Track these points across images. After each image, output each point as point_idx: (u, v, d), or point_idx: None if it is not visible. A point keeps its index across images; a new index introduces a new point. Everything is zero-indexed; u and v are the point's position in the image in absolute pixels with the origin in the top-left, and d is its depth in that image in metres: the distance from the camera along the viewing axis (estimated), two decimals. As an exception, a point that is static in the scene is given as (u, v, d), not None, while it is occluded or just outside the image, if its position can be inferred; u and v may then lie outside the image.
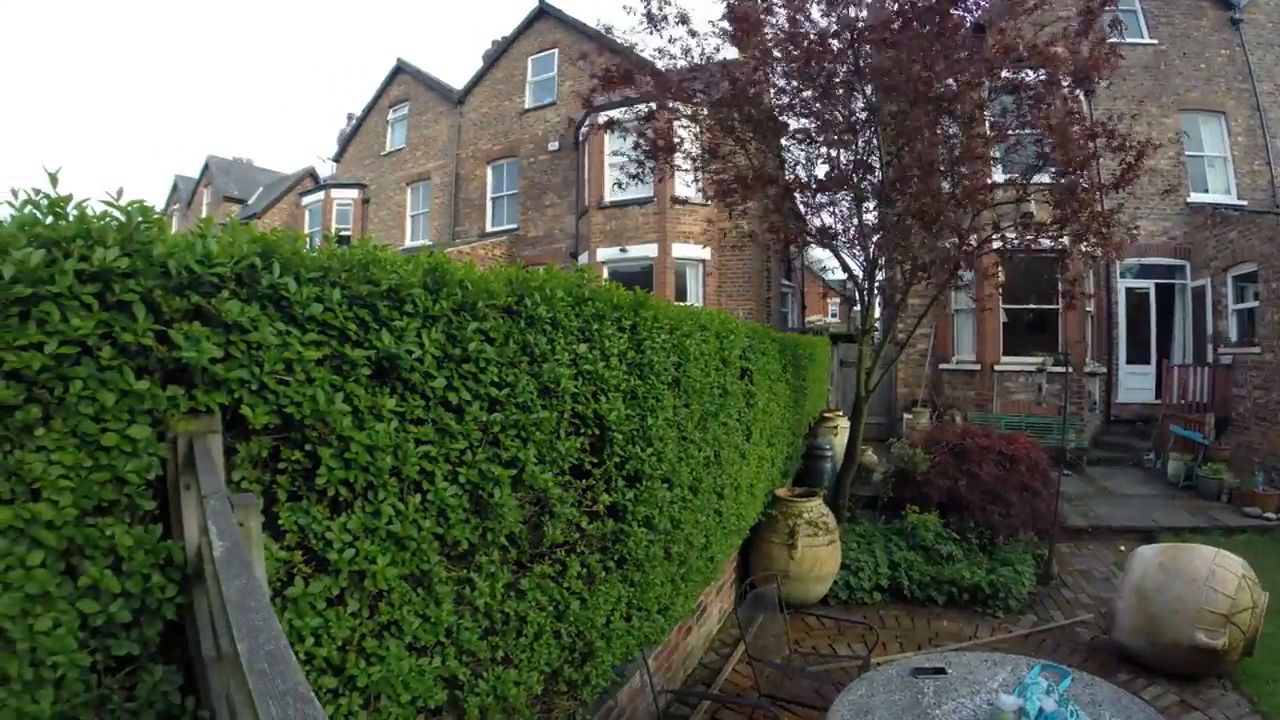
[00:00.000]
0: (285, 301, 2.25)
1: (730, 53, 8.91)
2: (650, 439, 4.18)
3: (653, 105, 9.90)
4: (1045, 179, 8.61)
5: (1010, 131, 8.39)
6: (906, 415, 14.51)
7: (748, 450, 6.21)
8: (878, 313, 10.21)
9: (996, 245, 9.00)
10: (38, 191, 1.90)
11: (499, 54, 22.10)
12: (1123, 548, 9.08)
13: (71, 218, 1.89)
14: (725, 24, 8.41)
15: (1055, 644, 6.52)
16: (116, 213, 1.96)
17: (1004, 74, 8.05)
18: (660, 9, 8.62)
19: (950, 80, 7.66)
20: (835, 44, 7.89)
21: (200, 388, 2.06)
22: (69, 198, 1.92)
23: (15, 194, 1.89)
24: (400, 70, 25.34)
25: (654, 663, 4.65)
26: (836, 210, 9.22)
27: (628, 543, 3.94)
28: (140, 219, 1.97)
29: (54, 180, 1.93)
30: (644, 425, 4.12)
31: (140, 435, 1.93)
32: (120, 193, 2.00)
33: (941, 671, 3.71)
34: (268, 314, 2.19)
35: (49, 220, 1.87)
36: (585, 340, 3.67)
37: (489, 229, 21.60)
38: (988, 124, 8.62)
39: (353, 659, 2.44)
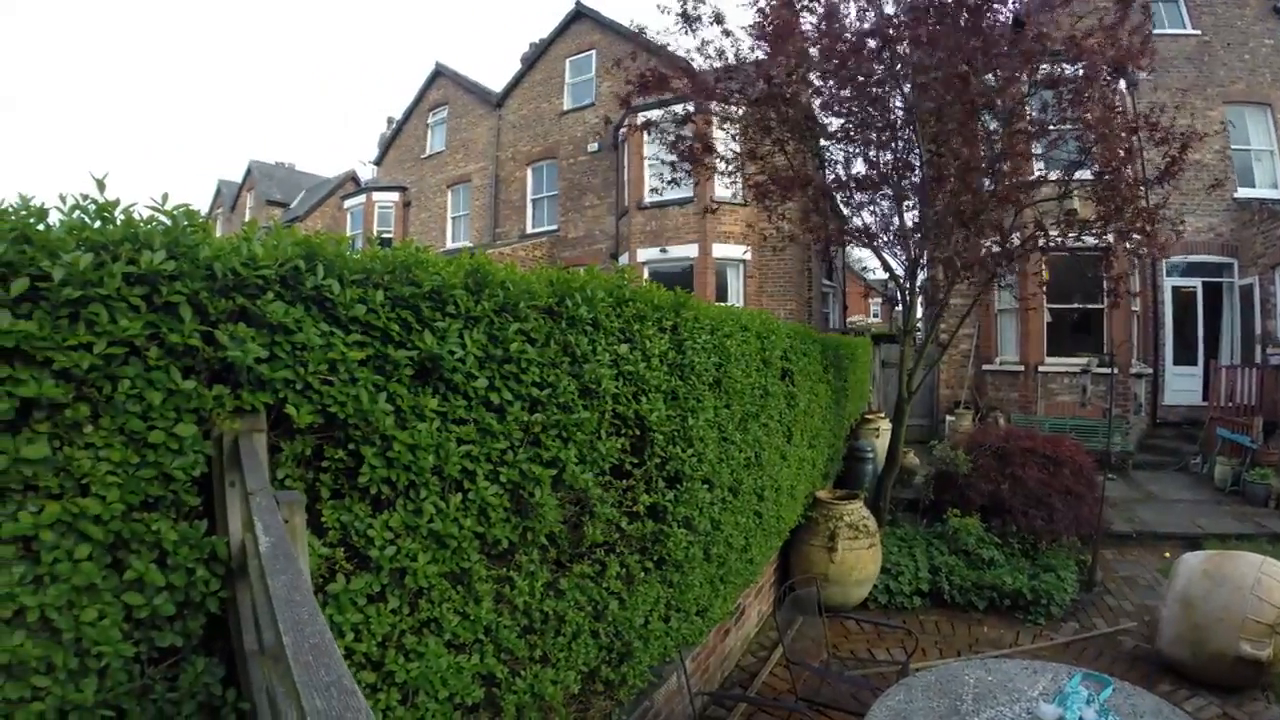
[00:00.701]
0: (329, 303, 2.26)
1: (766, 53, 8.80)
2: (691, 440, 4.14)
3: (689, 107, 9.79)
4: (1088, 175, 8.36)
5: (1051, 127, 8.14)
6: (949, 417, 14.23)
7: (788, 452, 6.10)
8: (920, 313, 10.00)
9: (1039, 243, 8.78)
10: (85, 197, 1.93)
11: (537, 56, 22.04)
12: (1167, 554, 8.78)
13: (119, 222, 1.92)
14: (759, 25, 8.33)
15: (1097, 652, 6.33)
16: (163, 217, 1.98)
17: (1042, 68, 7.85)
18: (695, 9, 8.53)
19: (989, 76, 7.49)
20: (871, 43, 7.77)
21: (245, 387, 2.08)
22: (116, 202, 1.94)
23: (64, 199, 1.92)
24: (439, 74, 25.39)
25: (691, 664, 4.60)
26: (877, 210, 9.06)
27: (667, 543, 3.90)
28: (186, 223, 1.99)
29: (101, 186, 1.95)
30: (685, 426, 4.08)
31: (186, 433, 1.95)
32: (166, 197, 2.02)
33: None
34: (312, 315, 2.21)
35: (97, 225, 1.89)
36: (626, 341, 3.64)
37: (529, 230, 21.52)
38: (1028, 119, 8.38)
39: (392, 655, 2.44)
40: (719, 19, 8.59)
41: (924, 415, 15.07)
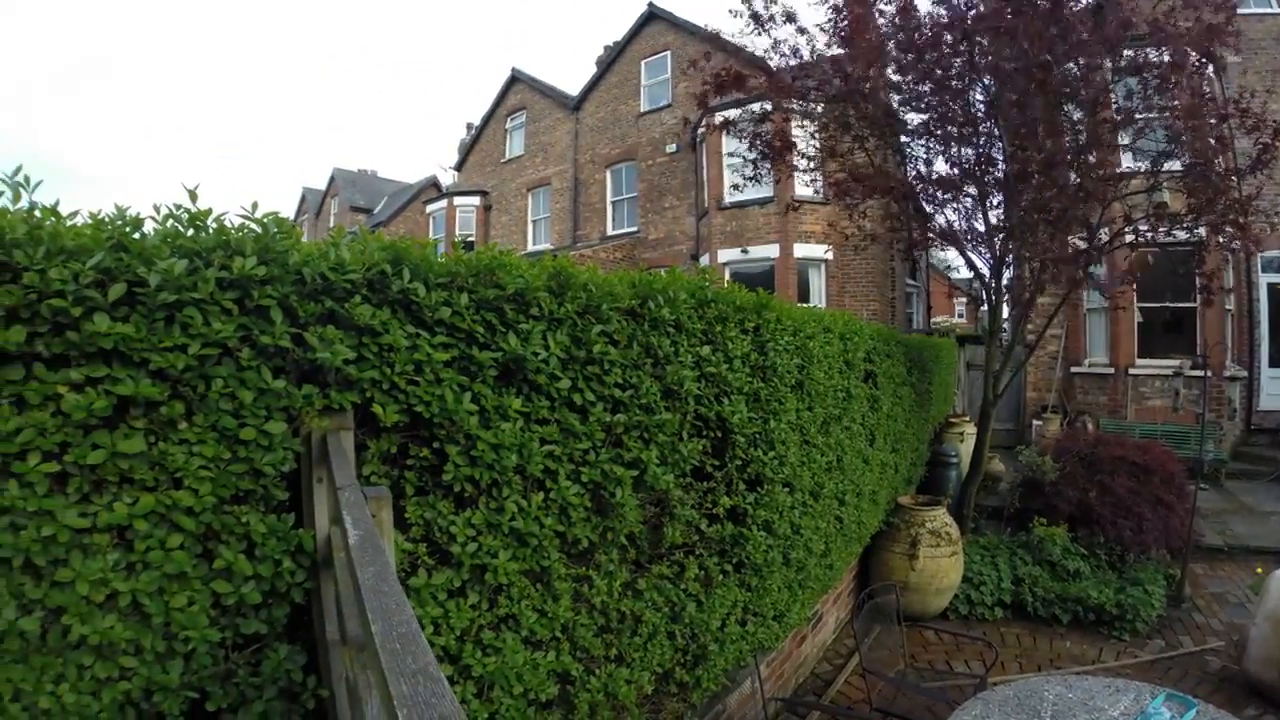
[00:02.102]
0: (415, 305, 2.27)
1: (841, 50, 8.54)
2: (772, 442, 4.03)
3: (767, 105, 9.57)
4: (1177, 165, 7.82)
5: (1137, 115, 7.61)
6: (1036, 421, 13.66)
7: (871, 456, 5.89)
8: (1005, 313, 9.54)
9: (1128, 239, 8.26)
10: (178, 206, 1.98)
11: (612, 59, 21.81)
12: (1259, 570, 8.18)
13: (211, 230, 1.97)
14: (833, 22, 8.08)
15: (1182, 672, 5.94)
16: (253, 224, 2.03)
17: (1126, 53, 7.39)
18: (766, 9, 8.32)
19: (1070, 64, 7.09)
20: (948, 36, 7.45)
21: (333, 387, 2.11)
22: (208, 211, 1.99)
23: (157, 209, 1.97)
24: (516, 79, 25.35)
25: (766, 669, 4.49)
26: (960, 207, 8.66)
27: (746, 546, 3.80)
28: (276, 230, 2.02)
29: (193, 196, 2.00)
30: (766, 428, 3.98)
31: (276, 430, 1.98)
32: (255, 206, 2.07)
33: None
34: (398, 318, 2.22)
35: (190, 232, 1.94)
36: (708, 342, 3.56)
37: (609, 232, 21.35)
38: (1113, 108, 7.90)
39: (469, 649, 2.43)
40: (791, 17, 8.37)
41: (1010, 419, 14.47)
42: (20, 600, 1.68)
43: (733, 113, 10.49)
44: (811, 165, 9.35)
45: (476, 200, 25.40)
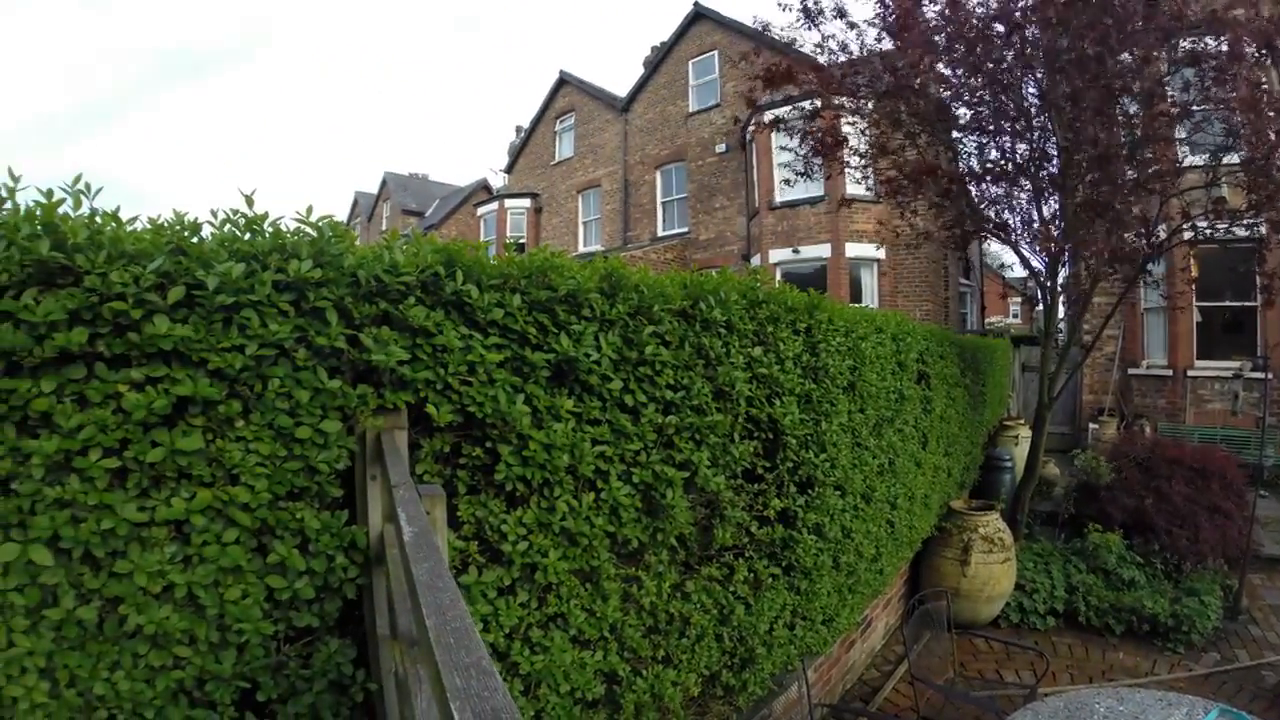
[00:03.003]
0: (468, 307, 2.26)
1: (890, 44, 8.30)
2: (824, 444, 3.95)
3: (816, 102, 9.36)
4: (1235, 159, 7.43)
5: (1194, 108, 7.22)
6: (1092, 425, 13.21)
7: (923, 459, 5.76)
8: (1061, 313, 9.18)
9: (1186, 235, 7.91)
10: (235, 211, 2.00)
11: (659, 60, 21.50)
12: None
13: (267, 234, 1.98)
14: (881, 16, 7.87)
15: (1237, 687, 5.68)
16: (308, 228, 2.04)
17: (1182, 44, 7.06)
18: (816, 2, 8.14)
19: (1125, 55, 6.80)
20: (999, 27, 7.21)
21: (388, 387, 2.11)
22: (265, 216, 2.01)
23: (214, 214, 2.00)
24: (564, 82, 25.13)
25: (813, 674, 4.39)
26: (1014, 203, 8.36)
27: (796, 550, 3.73)
28: (330, 234, 2.03)
29: (249, 201, 2.02)
30: (818, 430, 3.89)
31: (331, 429, 1.99)
32: (310, 210, 2.08)
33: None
34: (451, 319, 2.22)
35: (247, 236, 1.96)
36: (760, 343, 3.50)
37: (660, 233, 21.09)
38: (1169, 101, 7.54)
39: (518, 647, 2.42)
40: (841, 12, 8.18)
41: (1065, 422, 14.00)
42: (79, 590, 1.71)
43: (781, 111, 10.33)
44: (863, 162, 9.15)
45: (527, 202, 25.27)
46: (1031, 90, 7.53)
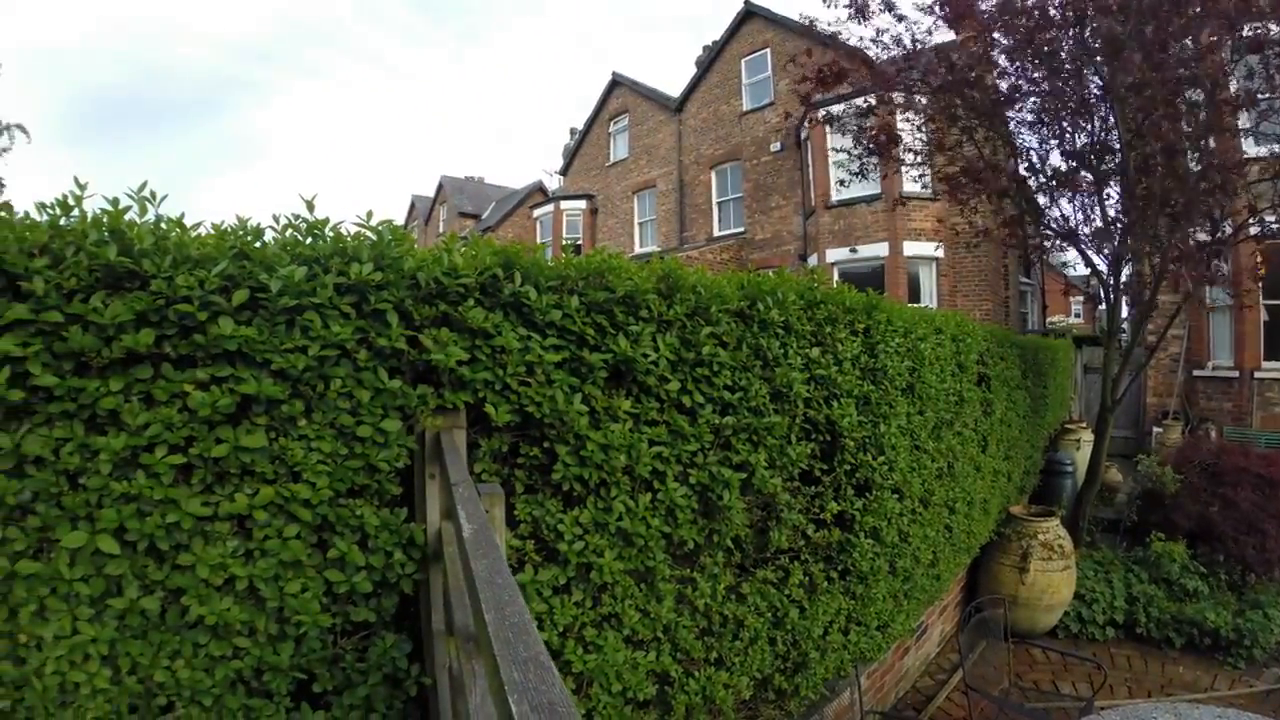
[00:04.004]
0: (526, 308, 2.24)
1: (944, 36, 8.00)
2: (882, 447, 3.83)
3: (871, 99, 9.10)
4: None
5: (1260, 96, 6.79)
6: (1156, 429, 12.69)
7: (983, 462, 5.56)
8: (1124, 312, 8.81)
9: (1253, 230, 7.44)
10: (296, 216, 2.02)
11: (711, 59, 21.00)
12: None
13: (328, 238, 2.00)
14: (932, 8, 7.55)
15: (1297, 705, 5.42)
16: (368, 232, 2.05)
17: (1245, 31, 6.66)
18: None
19: (1187, 42, 6.43)
20: (1056, 15, 6.90)
21: (447, 387, 2.11)
22: (326, 220, 2.03)
23: (276, 219, 2.02)
24: (617, 83, 24.80)
25: (866, 681, 4.27)
26: (1075, 199, 7.95)
27: (853, 554, 3.63)
28: (390, 237, 2.04)
29: (310, 206, 2.05)
30: (876, 432, 3.78)
31: (392, 428, 1.99)
32: (370, 214, 2.09)
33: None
34: (510, 320, 2.20)
35: (308, 240, 1.98)
36: (818, 344, 3.41)
37: (716, 233, 20.65)
38: (1233, 89, 7.13)
39: (571, 645, 2.40)
40: (890, 5, 7.94)
41: (1129, 426, 13.46)
42: (143, 581, 1.74)
43: (836, 108, 10.06)
44: (918, 160, 8.90)
45: (582, 204, 25.09)
46: (1092, 80, 7.22)
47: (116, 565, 1.69)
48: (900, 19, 7.78)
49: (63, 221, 1.72)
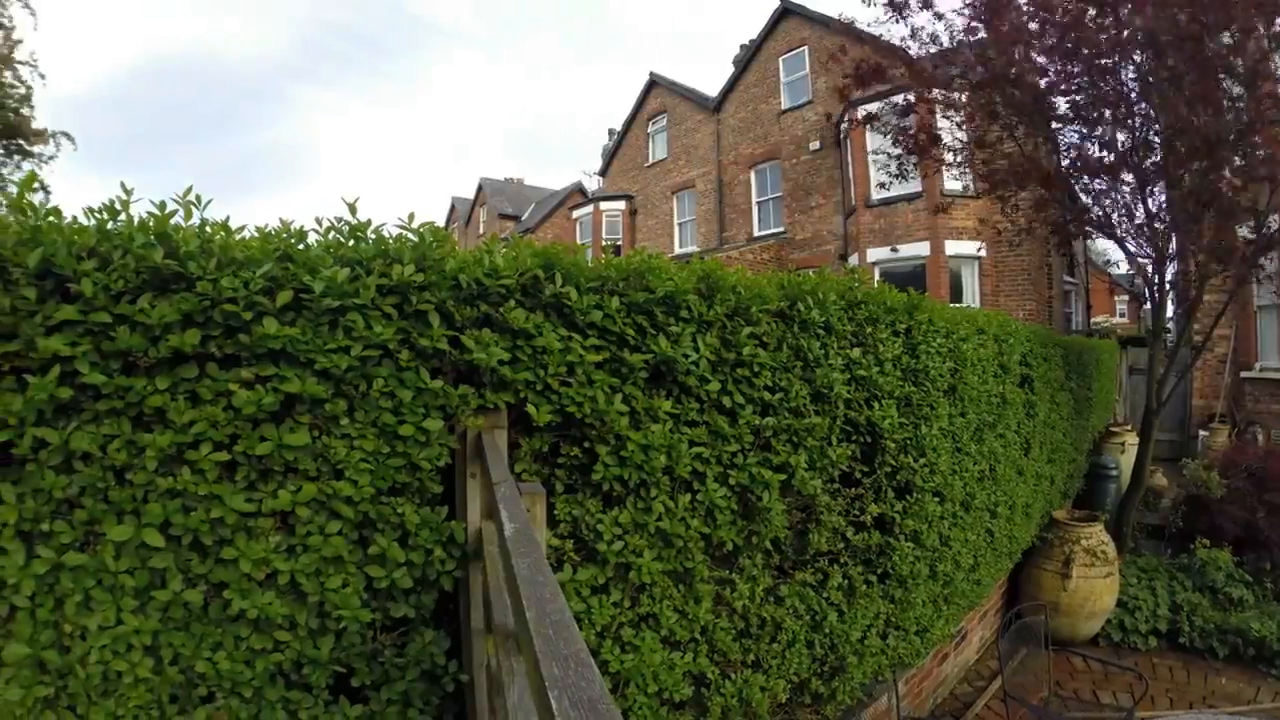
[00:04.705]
0: (567, 309, 2.22)
1: (982, 33, 7.82)
2: (923, 449, 3.74)
3: (910, 97, 8.91)
4: None
5: None
6: (1202, 432, 12.27)
7: (1025, 466, 5.43)
8: (1170, 312, 8.54)
9: None
10: (339, 219, 2.03)
11: (749, 58, 20.63)
12: None
13: (370, 240, 2.01)
14: (970, 4, 7.35)
15: (1343, 720, 5.19)
16: (410, 234, 2.04)
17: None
18: None
19: (1225, 35, 6.14)
20: (1091, 10, 6.67)
21: (489, 387, 2.09)
22: (368, 223, 2.04)
23: (319, 222, 2.03)
24: (654, 84, 24.46)
25: (904, 686, 4.13)
26: (1117, 196, 7.68)
27: (893, 557, 3.55)
28: (432, 239, 2.04)
29: (353, 209, 2.05)
30: (917, 434, 3.69)
31: (433, 427, 1.98)
32: (412, 217, 2.08)
33: None
34: (550, 321, 2.18)
35: (351, 243, 1.99)
36: (858, 344, 3.33)
37: (756, 233, 20.24)
38: (1274, 79, 6.81)
39: (608, 645, 2.38)
40: (928, 3, 7.75)
41: (1174, 429, 13.02)
42: (186, 574, 1.76)
43: (874, 106, 9.87)
44: (958, 158, 8.71)
45: (622, 204, 24.78)
46: (1130, 75, 6.99)
47: (161, 558, 1.71)
48: (939, 17, 7.63)
49: (110, 225, 1.74)
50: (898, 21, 7.78)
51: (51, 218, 1.69)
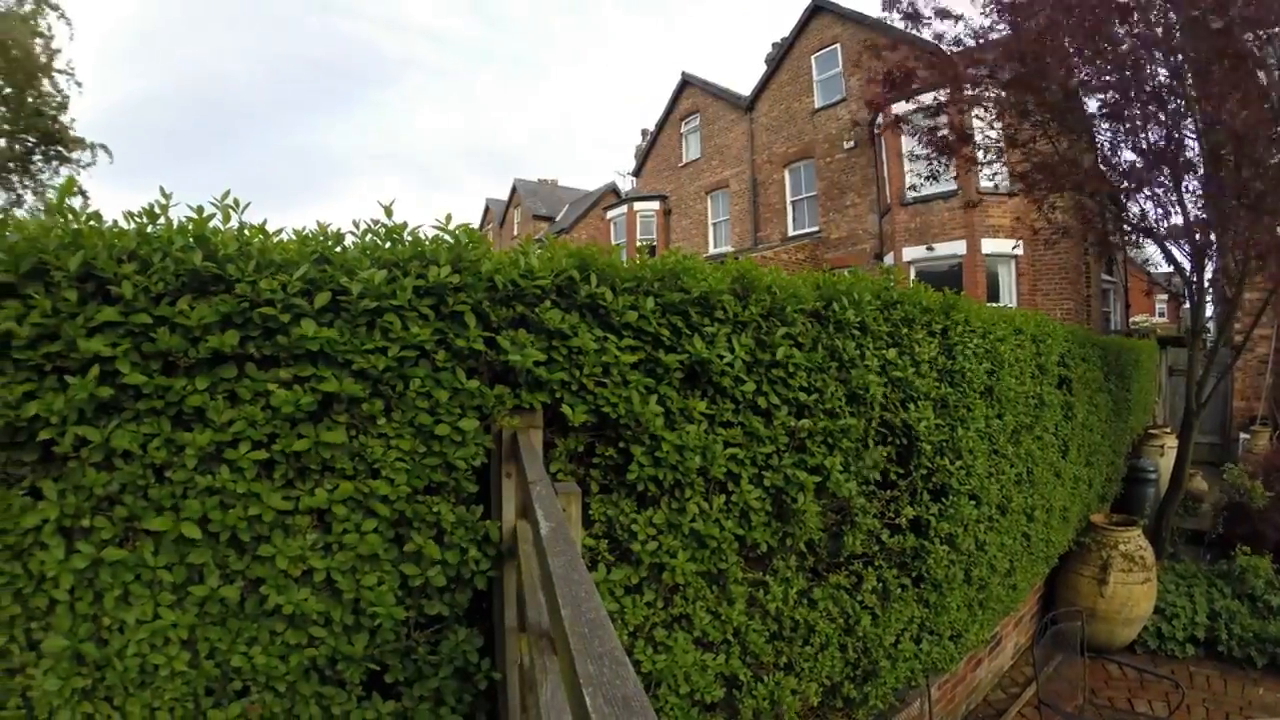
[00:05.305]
0: (602, 310, 2.20)
1: (1007, 31, 7.63)
2: (959, 451, 3.66)
3: (941, 96, 8.72)
4: None
5: None
6: (1243, 435, 11.89)
7: (1063, 469, 5.29)
8: (1209, 311, 8.27)
9: None
10: (375, 221, 2.04)
11: (781, 56, 20.24)
12: None
13: (407, 242, 2.01)
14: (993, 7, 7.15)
15: (1381, 732, 4.99)
16: (446, 236, 2.04)
17: None
18: (911, 6, 7.55)
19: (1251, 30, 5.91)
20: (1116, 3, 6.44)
21: (524, 388, 2.08)
22: (404, 225, 2.04)
23: (356, 224, 2.04)
24: (687, 84, 24.18)
25: (937, 692, 4.09)
26: (1154, 194, 7.37)
27: (927, 560, 3.47)
28: (467, 240, 2.03)
29: (388, 212, 2.06)
30: (953, 436, 3.61)
31: (469, 427, 1.97)
32: (448, 218, 2.07)
33: None
34: (586, 321, 2.16)
35: (387, 245, 1.99)
36: (894, 345, 3.26)
37: (790, 233, 19.92)
38: None
39: (641, 645, 2.35)
40: (944, 14, 7.55)
41: (1214, 431, 12.60)
42: (224, 570, 1.77)
43: (904, 107, 9.69)
44: (991, 156, 8.52)
45: (656, 205, 24.55)
46: (1160, 70, 6.78)
47: (199, 554, 1.72)
48: (958, 19, 7.49)
49: (149, 229, 1.76)
50: (915, 29, 7.68)
51: (92, 222, 1.70)
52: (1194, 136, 6.56)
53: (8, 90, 12.32)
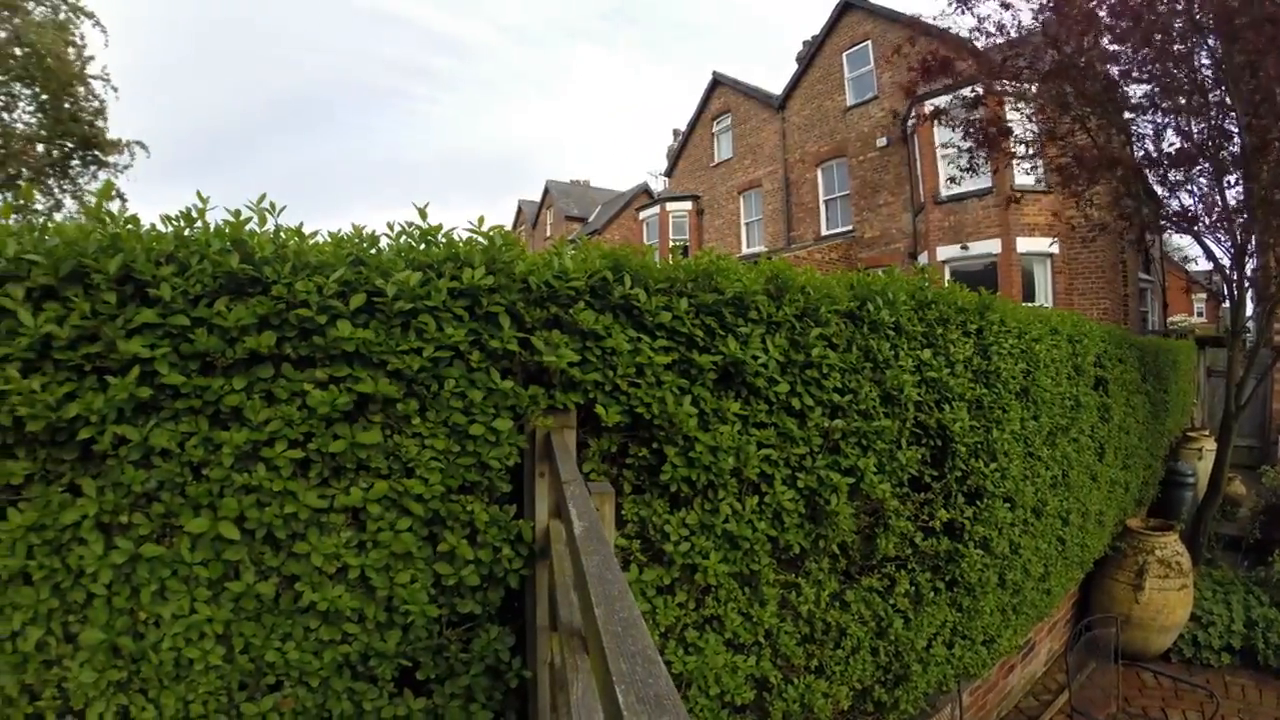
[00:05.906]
0: (636, 310, 2.18)
1: (1050, 18, 7.42)
2: (994, 453, 3.58)
3: (978, 89, 8.54)
4: None
5: None
6: (1281, 437, 11.68)
7: (1099, 472, 5.19)
8: (1249, 310, 8.02)
9: None
10: (410, 224, 2.04)
11: (811, 54, 19.85)
12: None
13: (441, 244, 2.01)
14: None
15: None
16: (480, 238, 2.03)
17: None
18: None
19: None
20: None
21: (558, 388, 2.06)
22: (439, 227, 2.04)
23: (391, 227, 2.04)
24: (718, 83, 23.87)
25: (968, 698, 4.02)
26: (1194, 188, 7.23)
27: (961, 564, 3.40)
28: (501, 242, 2.02)
29: (423, 214, 2.06)
30: (988, 438, 3.53)
31: (503, 427, 1.95)
32: (482, 220, 2.07)
33: None
34: (619, 322, 2.14)
35: (422, 247, 1.99)
36: (929, 345, 3.20)
37: (824, 232, 19.60)
38: None
39: (672, 646, 2.32)
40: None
41: (1254, 434, 12.13)
42: (259, 567, 1.78)
43: (942, 100, 9.49)
44: (1029, 151, 8.33)
45: (688, 205, 24.28)
46: (1205, 61, 6.56)
47: (235, 551, 1.73)
48: (1006, 6, 7.29)
49: (187, 232, 1.77)
50: (963, 13, 7.48)
51: (130, 225, 1.71)
52: (1238, 129, 6.35)
53: (44, 97, 12.52)
